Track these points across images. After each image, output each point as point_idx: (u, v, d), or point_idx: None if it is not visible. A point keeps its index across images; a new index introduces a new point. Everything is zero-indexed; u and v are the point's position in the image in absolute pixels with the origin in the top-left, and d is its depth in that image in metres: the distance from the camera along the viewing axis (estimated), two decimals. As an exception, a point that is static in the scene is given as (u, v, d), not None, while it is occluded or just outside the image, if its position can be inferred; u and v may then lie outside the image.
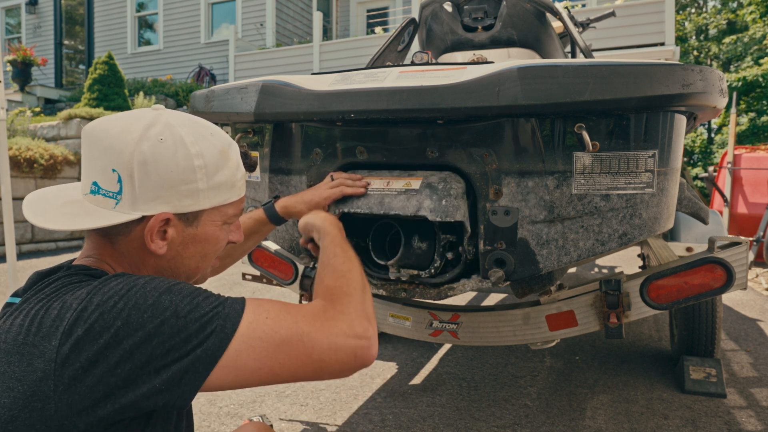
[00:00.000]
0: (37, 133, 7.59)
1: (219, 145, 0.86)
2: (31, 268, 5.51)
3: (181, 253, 0.86)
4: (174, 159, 0.81)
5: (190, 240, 0.86)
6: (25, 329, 0.69)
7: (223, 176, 0.86)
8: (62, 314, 0.69)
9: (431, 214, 1.30)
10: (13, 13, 15.26)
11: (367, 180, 1.43)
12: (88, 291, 0.71)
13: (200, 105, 1.66)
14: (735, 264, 1.66)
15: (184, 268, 0.88)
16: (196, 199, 0.83)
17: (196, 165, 0.82)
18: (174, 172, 0.81)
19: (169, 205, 0.81)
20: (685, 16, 21.00)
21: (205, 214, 0.86)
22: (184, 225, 0.84)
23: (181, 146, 0.81)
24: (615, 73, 1.18)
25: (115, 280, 0.74)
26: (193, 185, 0.82)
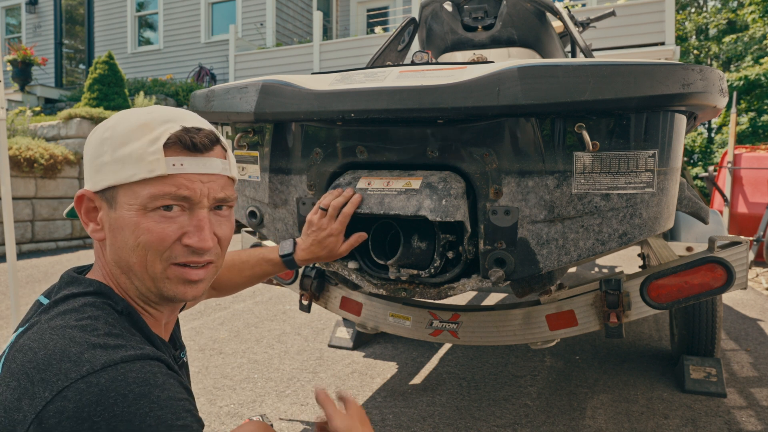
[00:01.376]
0: (37, 133, 7.59)
1: (142, 119, 0.79)
2: (32, 268, 5.51)
3: (113, 242, 0.80)
4: (94, 134, 0.82)
5: (114, 225, 0.79)
6: (29, 361, 0.68)
7: (130, 148, 0.77)
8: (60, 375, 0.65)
9: (431, 213, 1.30)
10: (13, 13, 15.26)
11: (367, 179, 1.43)
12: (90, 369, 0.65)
13: (200, 105, 1.66)
14: (735, 263, 1.66)
15: (123, 262, 0.80)
16: (103, 174, 0.78)
17: (105, 137, 0.80)
18: (91, 146, 0.81)
19: (90, 182, 0.81)
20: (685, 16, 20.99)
21: (119, 195, 0.78)
22: (107, 207, 0.80)
23: (102, 123, 0.82)
24: (615, 73, 1.18)
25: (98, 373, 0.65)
26: (101, 159, 0.79)
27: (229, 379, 2.57)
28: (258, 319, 3.63)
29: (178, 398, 0.67)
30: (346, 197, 1.39)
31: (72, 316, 0.73)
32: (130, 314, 0.79)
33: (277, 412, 2.22)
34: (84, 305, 0.75)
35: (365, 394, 2.39)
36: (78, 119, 7.38)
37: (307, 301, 2.15)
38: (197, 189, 0.79)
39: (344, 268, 1.61)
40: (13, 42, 13.60)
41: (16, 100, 10.88)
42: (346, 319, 2.64)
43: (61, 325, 0.71)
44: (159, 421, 0.64)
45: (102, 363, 0.65)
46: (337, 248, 1.36)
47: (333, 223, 1.35)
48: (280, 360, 2.84)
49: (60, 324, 0.71)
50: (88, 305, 0.75)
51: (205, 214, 0.81)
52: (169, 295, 0.82)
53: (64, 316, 0.73)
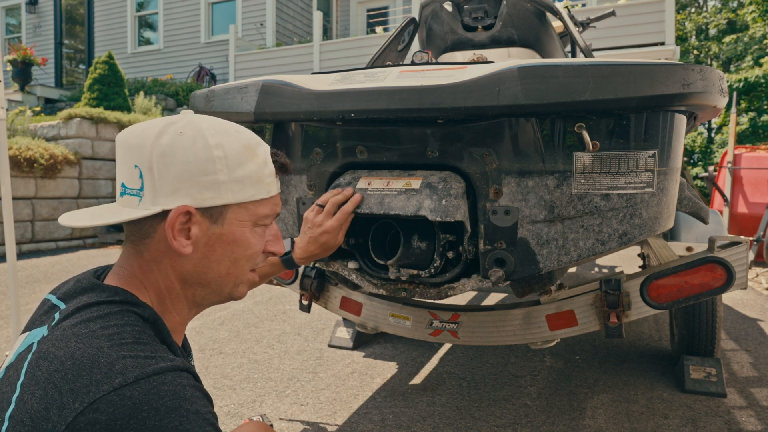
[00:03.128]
0: (37, 133, 7.59)
1: (243, 140, 0.83)
2: (32, 267, 5.51)
3: (208, 255, 0.82)
4: (192, 149, 0.78)
5: (217, 240, 0.82)
6: (56, 370, 0.67)
7: (247, 170, 0.82)
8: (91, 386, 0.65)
9: (431, 213, 1.30)
10: (13, 13, 15.26)
11: (367, 179, 1.43)
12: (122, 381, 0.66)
13: (200, 104, 1.66)
14: (735, 263, 1.66)
15: (212, 274, 0.84)
16: (217, 191, 0.80)
17: (216, 155, 0.79)
18: (192, 162, 0.78)
19: (189, 197, 0.78)
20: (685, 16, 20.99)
21: (230, 212, 0.82)
22: (209, 222, 0.81)
23: (200, 138, 0.79)
24: (615, 73, 1.19)
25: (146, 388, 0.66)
26: (213, 176, 0.79)
27: (229, 379, 2.57)
28: (258, 319, 3.63)
29: (203, 412, 0.69)
30: (345, 195, 1.39)
31: (98, 323, 0.72)
32: (155, 322, 0.79)
33: (277, 412, 2.22)
34: (109, 313, 0.74)
35: (365, 394, 2.39)
36: (78, 119, 7.37)
37: (307, 301, 2.15)
38: (279, 205, 0.91)
39: (344, 268, 1.61)
40: (13, 42, 13.61)
41: (16, 100, 10.88)
42: (346, 319, 2.64)
43: (87, 333, 0.71)
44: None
45: (135, 375, 0.66)
46: (335, 246, 1.36)
47: (329, 219, 1.35)
48: (280, 360, 2.84)
49: (86, 332, 0.71)
50: (114, 313, 0.74)
51: (276, 225, 0.92)
52: (236, 296, 0.89)
53: (89, 323, 0.72)
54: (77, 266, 5.65)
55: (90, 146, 7.42)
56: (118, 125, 7.79)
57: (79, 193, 7.28)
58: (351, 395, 2.39)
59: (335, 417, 2.18)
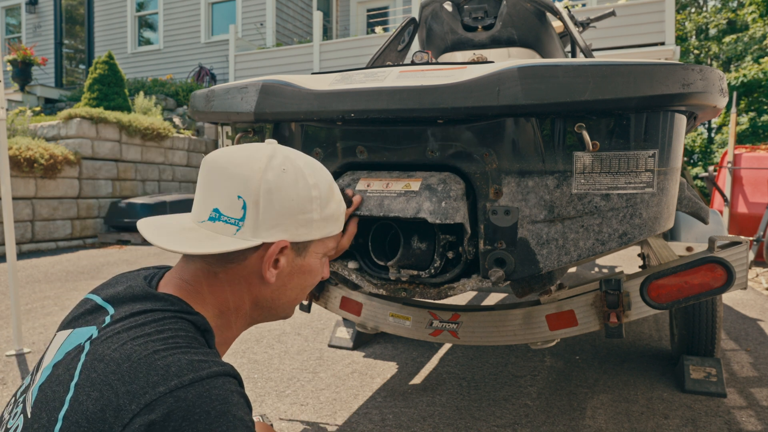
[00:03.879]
0: (37, 133, 7.59)
1: (329, 179, 0.92)
2: (32, 267, 5.51)
3: (287, 284, 0.89)
4: (295, 188, 0.84)
5: (297, 270, 0.89)
6: (111, 372, 0.69)
7: (332, 209, 0.90)
8: (147, 387, 0.67)
9: (431, 216, 1.30)
10: (13, 13, 15.26)
11: (366, 181, 1.43)
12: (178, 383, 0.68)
13: (200, 104, 1.66)
14: (735, 263, 1.66)
15: (284, 299, 0.90)
16: (309, 228, 0.87)
17: (314, 195, 0.86)
18: (294, 201, 0.84)
19: (287, 233, 0.84)
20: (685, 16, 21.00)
21: (312, 245, 0.89)
22: (294, 255, 0.87)
23: (301, 177, 0.85)
24: (615, 73, 1.19)
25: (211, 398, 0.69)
26: (309, 215, 0.86)
27: (229, 379, 2.57)
28: (258, 319, 3.63)
29: (246, 419, 0.71)
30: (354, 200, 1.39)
31: (152, 327, 0.75)
32: (206, 331, 0.81)
33: (277, 412, 2.22)
34: (164, 318, 0.77)
35: (365, 394, 2.39)
36: (78, 119, 7.37)
37: (307, 301, 2.15)
38: None
39: (344, 268, 1.61)
40: (13, 42, 13.61)
41: (16, 100, 10.88)
42: (346, 319, 2.64)
43: (142, 336, 0.73)
44: None
45: (190, 378, 0.68)
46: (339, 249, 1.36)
47: None
48: (280, 360, 2.84)
49: (141, 335, 0.73)
50: (168, 318, 0.77)
51: None
52: (289, 315, 0.97)
53: (144, 327, 0.74)
54: (77, 266, 5.65)
55: (90, 146, 7.42)
56: (118, 125, 7.79)
57: (79, 193, 7.28)
58: (351, 395, 2.39)
59: (335, 417, 2.18)
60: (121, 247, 7.06)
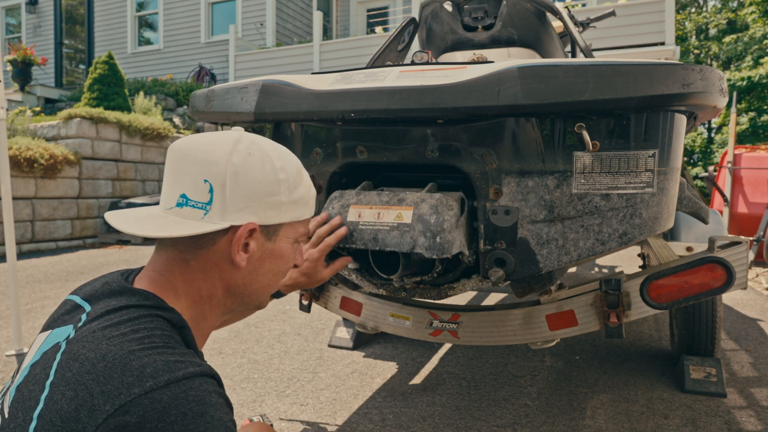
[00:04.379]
0: (37, 133, 7.59)
1: (297, 164, 0.91)
2: (32, 267, 5.51)
3: (258, 269, 0.88)
4: (262, 171, 0.84)
5: (268, 255, 0.89)
6: (86, 372, 0.68)
7: (301, 192, 0.90)
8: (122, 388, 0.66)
9: (427, 252, 1.29)
10: (13, 13, 15.27)
11: (357, 210, 1.41)
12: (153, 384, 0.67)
13: (200, 104, 1.66)
14: (735, 263, 1.66)
15: (257, 285, 0.90)
16: (278, 211, 0.87)
17: (281, 178, 0.86)
18: (261, 183, 0.84)
19: (255, 216, 0.84)
20: (685, 16, 21.00)
21: (282, 229, 0.89)
22: (264, 238, 0.87)
23: (268, 161, 0.85)
24: (615, 73, 1.19)
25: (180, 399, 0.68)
26: (276, 197, 0.86)
27: (229, 379, 2.57)
28: (258, 319, 3.64)
29: (225, 420, 0.71)
30: (332, 226, 1.36)
31: (128, 326, 0.74)
32: (183, 328, 0.81)
33: (277, 412, 2.22)
34: (139, 316, 0.76)
35: (365, 394, 2.39)
36: (78, 119, 7.37)
37: (307, 301, 2.15)
38: None
39: (344, 268, 1.61)
40: (13, 42, 13.61)
41: (16, 100, 10.88)
42: (346, 319, 2.64)
43: (117, 336, 0.72)
44: None
45: (166, 379, 0.67)
46: (318, 274, 1.33)
47: (312, 248, 1.32)
48: (280, 360, 2.84)
49: (116, 334, 0.72)
50: (144, 317, 0.76)
51: None
52: (262, 306, 0.97)
53: (119, 326, 0.74)
54: (77, 266, 5.65)
55: (90, 146, 7.42)
56: (118, 125, 7.79)
57: (79, 193, 7.28)
58: (351, 395, 2.39)
59: (335, 417, 2.18)
60: (121, 247, 7.06)
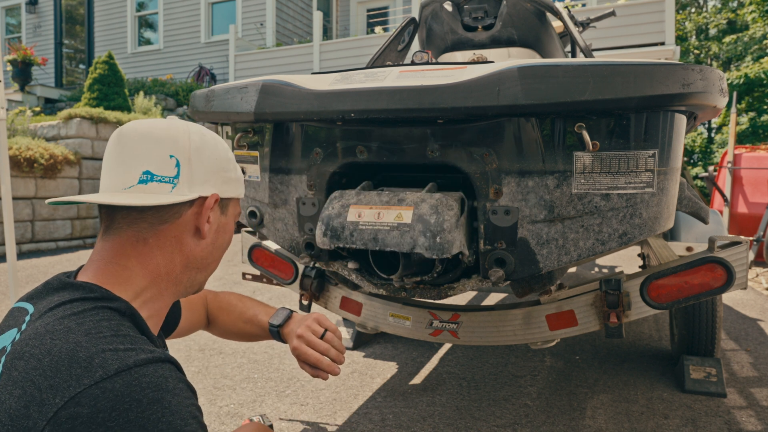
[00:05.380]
0: (37, 133, 7.59)
1: (227, 146, 0.98)
2: (32, 267, 5.51)
3: (214, 242, 0.93)
4: (216, 149, 0.91)
5: (222, 228, 0.94)
6: (33, 368, 0.67)
7: (239, 172, 0.97)
8: (71, 381, 0.65)
9: (427, 252, 1.29)
10: (13, 13, 15.26)
11: (357, 210, 1.41)
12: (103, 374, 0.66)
13: (200, 104, 1.66)
14: (735, 263, 1.66)
15: (212, 258, 0.94)
16: (231, 186, 0.93)
17: (230, 156, 0.94)
18: (219, 159, 0.91)
19: (216, 188, 0.90)
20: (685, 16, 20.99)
21: (231, 205, 0.96)
22: (219, 212, 0.93)
23: (218, 140, 0.93)
24: (615, 73, 1.19)
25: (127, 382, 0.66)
26: (229, 173, 0.93)
27: (229, 379, 2.57)
28: (258, 319, 3.63)
29: (186, 404, 0.69)
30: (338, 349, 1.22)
31: (72, 320, 0.72)
32: (132, 315, 0.79)
33: (277, 412, 2.22)
34: (84, 310, 0.74)
35: (365, 394, 2.39)
36: (78, 119, 7.37)
37: (307, 301, 2.15)
38: None
39: (344, 268, 1.61)
40: (13, 42, 13.60)
41: (16, 100, 10.88)
42: (346, 319, 2.64)
43: (62, 330, 0.70)
44: (169, 426, 0.66)
45: (116, 368, 0.66)
46: None
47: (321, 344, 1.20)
48: (280, 360, 2.84)
49: (60, 329, 0.70)
50: (89, 310, 0.74)
51: None
52: (203, 285, 0.98)
53: (63, 321, 0.72)
54: (77, 266, 5.65)
55: (90, 146, 7.42)
56: (118, 125, 7.78)
57: (79, 193, 7.28)
58: (351, 395, 2.38)
59: (335, 417, 2.18)
60: (121, 247, 7.06)
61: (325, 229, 1.41)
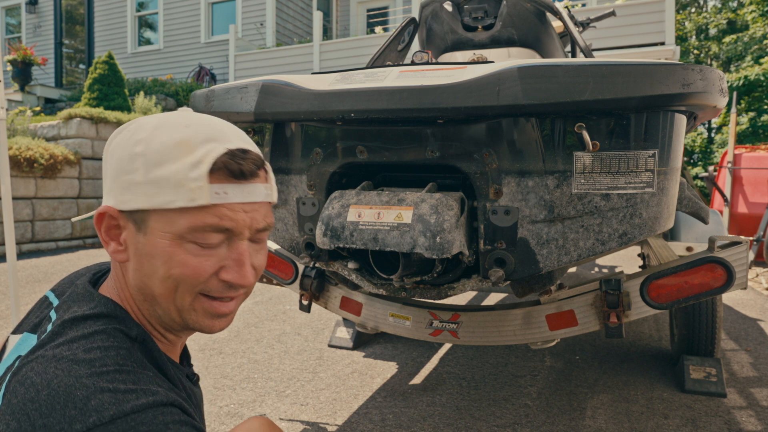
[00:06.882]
0: (37, 133, 7.59)
1: (180, 135, 0.70)
2: (32, 267, 5.52)
3: (139, 268, 0.72)
4: (121, 146, 0.71)
5: (142, 251, 0.71)
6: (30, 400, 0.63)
7: (168, 170, 0.68)
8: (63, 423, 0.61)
9: (427, 252, 1.30)
10: (13, 13, 15.26)
11: (357, 210, 1.41)
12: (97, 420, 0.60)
13: (200, 104, 1.66)
14: (735, 263, 1.66)
15: (148, 290, 0.73)
16: (133, 193, 0.70)
17: (136, 152, 0.70)
18: (119, 160, 0.71)
19: (114, 198, 0.71)
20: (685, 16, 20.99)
21: (152, 220, 0.70)
22: (135, 230, 0.71)
23: (136, 133, 0.71)
24: (615, 73, 1.19)
25: None
26: (130, 176, 0.70)
27: (229, 379, 2.57)
28: (258, 319, 3.63)
29: None
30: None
31: (80, 344, 0.67)
32: (144, 341, 0.73)
33: (277, 412, 2.22)
34: (95, 332, 0.68)
35: (365, 394, 2.39)
36: (78, 119, 7.37)
37: (307, 301, 2.15)
38: (240, 220, 0.71)
39: (344, 268, 1.61)
40: (13, 42, 13.61)
41: (16, 100, 10.88)
42: (346, 319, 2.64)
43: (67, 358, 0.65)
44: None
45: (111, 414, 0.60)
46: None
47: None
48: (280, 360, 2.84)
49: (67, 356, 0.65)
50: (99, 333, 0.69)
51: (245, 247, 0.73)
52: (195, 327, 0.76)
53: (71, 344, 0.67)
54: (77, 266, 5.65)
55: (90, 146, 7.42)
56: (118, 125, 7.78)
57: (79, 193, 7.28)
58: (351, 395, 2.38)
59: (335, 417, 2.18)
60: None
61: (325, 229, 1.41)
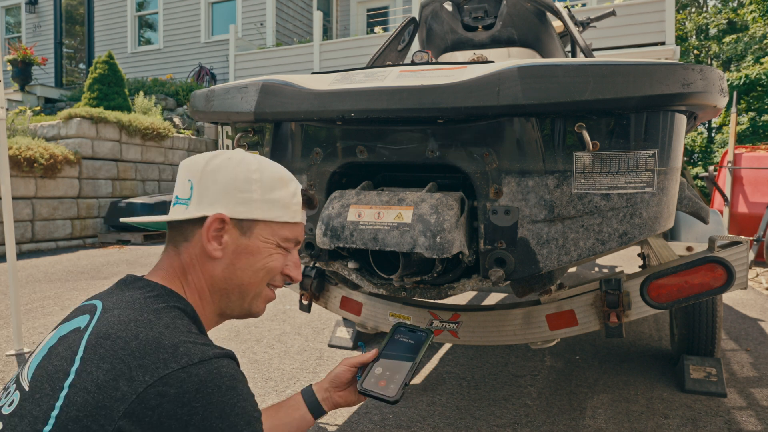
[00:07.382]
0: (37, 133, 7.59)
1: (279, 174, 0.97)
2: (32, 267, 5.51)
3: (234, 263, 0.93)
4: (235, 171, 0.93)
5: (243, 250, 0.93)
6: (121, 348, 0.74)
7: (278, 195, 0.95)
8: (159, 363, 0.73)
9: (427, 252, 1.29)
10: (13, 13, 15.26)
11: (357, 210, 1.41)
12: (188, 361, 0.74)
13: (200, 104, 1.66)
14: (735, 263, 1.66)
15: (236, 280, 0.94)
16: (249, 207, 0.93)
17: (253, 178, 0.93)
18: (233, 181, 0.92)
19: (225, 209, 0.91)
20: (685, 16, 20.99)
21: (258, 228, 0.94)
22: (238, 233, 0.93)
23: (245, 164, 0.94)
24: (615, 73, 1.19)
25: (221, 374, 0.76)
26: (248, 194, 0.92)
27: (229, 379, 2.57)
28: (258, 319, 3.64)
29: (251, 394, 0.81)
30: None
31: (151, 314, 0.81)
32: (195, 319, 0.88)
33: (277, 412, 2.22)
34: (158, 308, 0.83)
35: (365, 394, 2.39)
36: (78, 119, 7.37)
37: (307, 300, 2.15)
38: (301, 235, 1.02)
39: (344, 267, 1.61)
40: (13, 42, 13.61)
41: (16, 100, 10.88)
42: (346, 318, 2.64)
43: (144, 321, 0.79)
44: (243, 411, 0.77)
45: (199, 357, 0.75)
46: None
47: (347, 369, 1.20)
48: (280, 360, 2.84)
49: (143, 319, 0.79)
50: (162, 309, 0.83)
51: (296, 253, 1.03)
52: (253, 311, 0.99)
53: (143, 314, 0.81)
54: (77, 266, 5.65)
55: (90, 146, 7.42)
56: (118, 125, 7.79)
57: (79, 193, 7.28)
58: (351, 395, 2.38)
59: (335, 416, 2.18)
60: (121, 247, 7.06)
61: (325, 229, 1.41)
